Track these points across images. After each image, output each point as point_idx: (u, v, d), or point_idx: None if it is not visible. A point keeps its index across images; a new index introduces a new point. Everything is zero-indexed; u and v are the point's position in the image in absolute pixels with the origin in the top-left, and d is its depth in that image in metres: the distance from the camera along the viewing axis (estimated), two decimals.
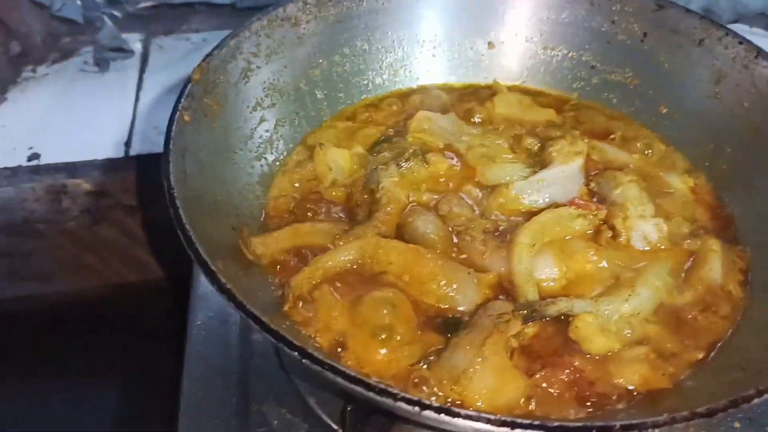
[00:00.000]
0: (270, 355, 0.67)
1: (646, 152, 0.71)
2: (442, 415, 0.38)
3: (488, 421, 0.38)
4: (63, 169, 0.98)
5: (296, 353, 0.41)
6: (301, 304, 0.55)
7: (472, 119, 0.75)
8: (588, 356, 0.53)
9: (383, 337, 0.53)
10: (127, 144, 1.01)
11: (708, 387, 0.48)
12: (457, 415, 0.38)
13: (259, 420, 0.61)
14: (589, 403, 0.50)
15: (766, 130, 0.63)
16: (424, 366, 0.52)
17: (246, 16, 1.16)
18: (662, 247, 0.61)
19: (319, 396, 0.62)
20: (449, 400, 0.51)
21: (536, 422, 0.37)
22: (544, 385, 0.51)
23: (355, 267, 0.58)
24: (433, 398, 0.50)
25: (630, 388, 0.51)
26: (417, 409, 0.38)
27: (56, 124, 1.00)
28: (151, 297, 1.14)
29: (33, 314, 1.09)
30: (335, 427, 0.60)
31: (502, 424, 0.37)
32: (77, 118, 1.01)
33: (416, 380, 0.51)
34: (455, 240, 0.61)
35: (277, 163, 0.69)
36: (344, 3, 0.73)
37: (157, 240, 1.09)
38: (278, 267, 0.60)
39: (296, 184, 0.67)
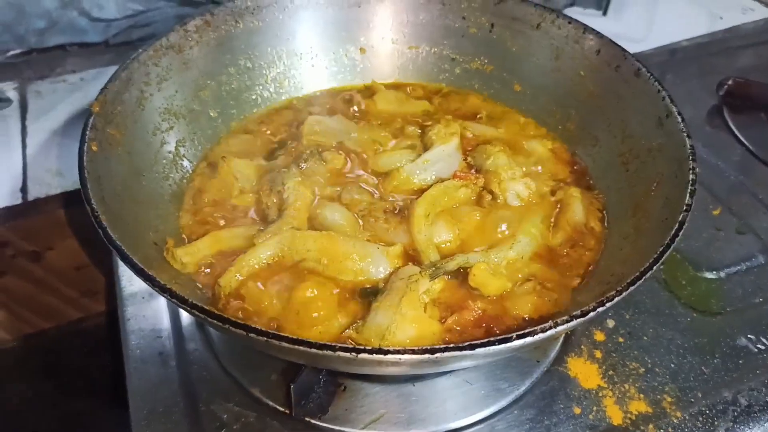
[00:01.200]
0: (207, 360, 0.71)
1: (508, 125, 0.82)
2: (375, 355, 0.45)
3: (413, 352, 0.45)
4: None
5: (242, 331, 0.46)
6: (231, 300, 0.61)
7: (357, 118, 0.83)
8: (488, 298, 0.62)
9: (313, 315, 0.60)
10: (23, 190, 1.00)
11: (585, 303, 0.58)
12: (387, 352, 0.45)
13: (209, 417, 0.65)
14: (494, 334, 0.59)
15: (599, 92, 0.75)
16: (353, 331, 0.59)
17: (119, 53, 1.20)
18: (533, 201, 0.71)
19: (262, 386, 0.67)
20: None
21: (451, 345, 0.45)
22: (457, 327, 0.60)
23: (276, 260, 0.64)
24: None
25: (525, 317, 0.61)
26: (353, 354, 0.45)
27: None
28: (69, 341, 1.12)
29: None
30: (281, 409, 0.66)
31: (425, 351, 0.45)
32: None
33: (348, 342, 0.58)
34: (361, 223, 0.69)
35: (184, 181, 0.74)
36: (222, 27, 0.79)
37: (65, 283, 1.09)
38: (204, 271, 0.64)
39: (205, 197, 0.72)
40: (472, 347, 0.45)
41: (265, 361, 0.70)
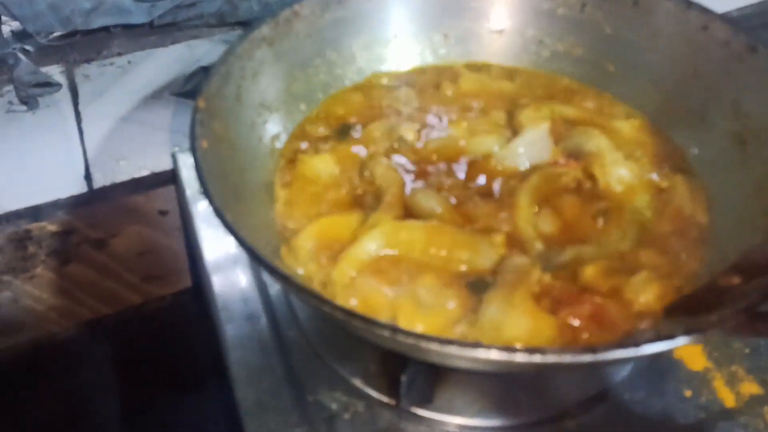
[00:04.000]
0: (305, 349, 0.71)
1: (599, 107, 0.80)
2: (534, 355, 0.44)
3: (573, 353, 0.44)
4: (25, 214, 0.95)
5: (374, 326, 0.46)
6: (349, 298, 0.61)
7: (441, 100, 0.82)
8: (602, 291, 0.61)
9: (427, 308, 0.60)
10: (88, 177, 0.99)
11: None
12: (545, 352, 0.44)
13: (318, 407, 0.65)
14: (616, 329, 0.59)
15: (706, 71, 0.72)
16: (467, 324, 0.59)
17: (164, 34, 1.19)
18: (635, 186, 0.70)
19: (364, 377, 0.67)
20: None
21: (614, 343, 0.44)
22: (573, 320, 0.59)
23: (382, 252, 0.64)
24: None
25: (648, 308, 0.59)
26: (509, 354, 0.44)
27: (2, 173, 0.96)
28: (129, 327, 1.14)
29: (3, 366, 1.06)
30: (386, 399, 0.66)
31: (586, 351, 0.44)
32: (24, 162, 0.98)
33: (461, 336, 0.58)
34: (459, 209, 0.68)
35: (277, 175, 0.74)
36: (309, 18, 0.78)
37: (127, 269, 1.09)
38: (312, 266, 0.65)
39: (296, 193, 0.71)
40: (637, 344, 0.44)
41: (363, 352, 0.69)
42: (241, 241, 0.52)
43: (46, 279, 1.03)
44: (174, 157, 0.98)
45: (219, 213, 0.53)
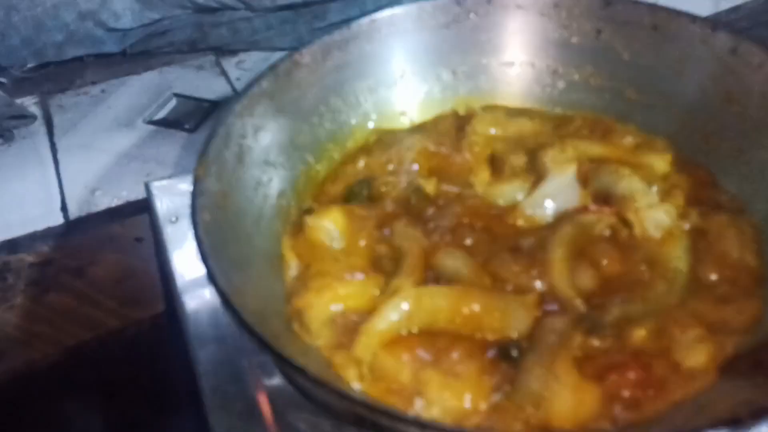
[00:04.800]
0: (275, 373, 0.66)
1: (623, 141, 0.74)
2: None
3: None
4: (2, 247, 0.96)
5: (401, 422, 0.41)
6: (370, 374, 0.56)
7: (456, 146, 0.77)
8: (649, 353, 0.56)
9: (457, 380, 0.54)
10: (64, 209, 1.00)
11: None
12: None
13: (286, 428, 0.61)
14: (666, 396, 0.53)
15: (737, 96, 0.67)
16: (504, 397, 0.53)
17: (137, 61, 1.19)
18: (674, 230, 0.64)
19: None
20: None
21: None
22: (618, 388, 0.54)
23: (404, 323, 0.59)
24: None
25: (702, 371, 0.54)
26: None
27: None
28: (110, 351, 1.10)
29: None
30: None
31: None
32: (1, 195, 0.99)
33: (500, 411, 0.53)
34: (486, 267, 0.62)
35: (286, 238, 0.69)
36: (310, 66, 0.74)
37: (106, 295, 1.07)
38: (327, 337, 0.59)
39: (307, 257, 0.66)
40: None
41: None
42: (252, 332, 0.47)
43: (25, 308, 1.03)
44: (147, 186, 0.94)
45: (225, 299, 0.49)
